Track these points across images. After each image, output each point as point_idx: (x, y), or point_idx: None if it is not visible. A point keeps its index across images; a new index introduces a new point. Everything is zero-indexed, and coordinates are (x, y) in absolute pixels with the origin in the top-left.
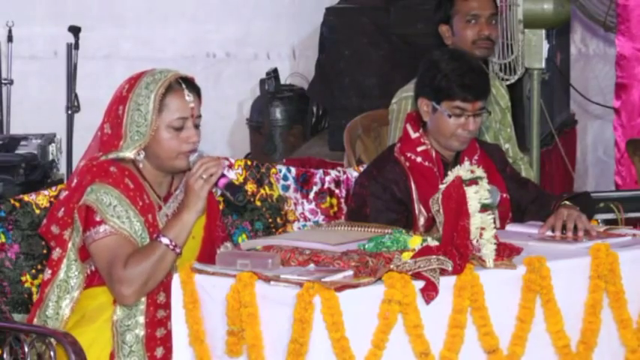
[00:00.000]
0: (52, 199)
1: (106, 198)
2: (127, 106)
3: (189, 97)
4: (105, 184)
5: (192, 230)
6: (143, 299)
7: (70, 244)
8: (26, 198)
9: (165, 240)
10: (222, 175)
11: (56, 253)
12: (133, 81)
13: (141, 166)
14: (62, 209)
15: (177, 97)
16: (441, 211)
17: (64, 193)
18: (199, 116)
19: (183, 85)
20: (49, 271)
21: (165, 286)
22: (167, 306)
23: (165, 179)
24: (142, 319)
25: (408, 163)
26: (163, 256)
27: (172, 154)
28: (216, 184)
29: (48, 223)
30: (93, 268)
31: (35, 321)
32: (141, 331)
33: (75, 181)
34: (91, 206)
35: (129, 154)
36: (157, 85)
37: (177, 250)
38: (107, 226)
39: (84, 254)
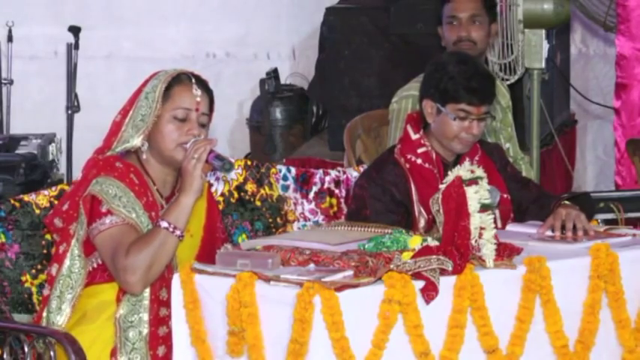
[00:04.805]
0: (52, 199)
1: (112, 189)
2: (138, 97)
3: (196, 91)
4: (110, 176)
5: (191, 214)
6: (147, 294)
7: (74, 240)
8: (26, 198)
9: (164, 224)
10: (211, 151)
11: (62, 247)
12: (149, 77)
13: (144, 157)
14: (67, 203)
15: (184, 89)
16: (441, 211)
17: (71, 187)
18: (205, 114)
19: (193, 80)
20: (56, 265)
21: (167, 282)
22: (169, 304)
23: (170, 178)
24: (145, 317)
25: (407, 165)
26: (164, 240)
27: (172, 145)
28: (207, 161)
29: (52, 215)
30: (95, 264)
31: (43, 316)
32: (144, 329)
33: (81, 175)
34: (96, 196)
35: (135, 142)
36: (166, 76)
37: (178, 233)
38: (113, 216)
39: (88, 249)
